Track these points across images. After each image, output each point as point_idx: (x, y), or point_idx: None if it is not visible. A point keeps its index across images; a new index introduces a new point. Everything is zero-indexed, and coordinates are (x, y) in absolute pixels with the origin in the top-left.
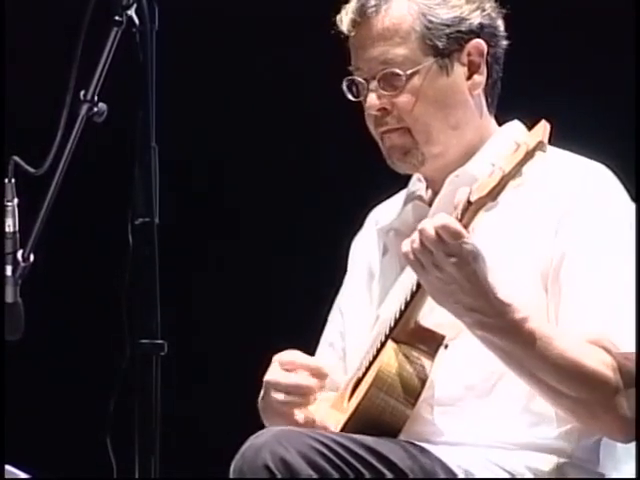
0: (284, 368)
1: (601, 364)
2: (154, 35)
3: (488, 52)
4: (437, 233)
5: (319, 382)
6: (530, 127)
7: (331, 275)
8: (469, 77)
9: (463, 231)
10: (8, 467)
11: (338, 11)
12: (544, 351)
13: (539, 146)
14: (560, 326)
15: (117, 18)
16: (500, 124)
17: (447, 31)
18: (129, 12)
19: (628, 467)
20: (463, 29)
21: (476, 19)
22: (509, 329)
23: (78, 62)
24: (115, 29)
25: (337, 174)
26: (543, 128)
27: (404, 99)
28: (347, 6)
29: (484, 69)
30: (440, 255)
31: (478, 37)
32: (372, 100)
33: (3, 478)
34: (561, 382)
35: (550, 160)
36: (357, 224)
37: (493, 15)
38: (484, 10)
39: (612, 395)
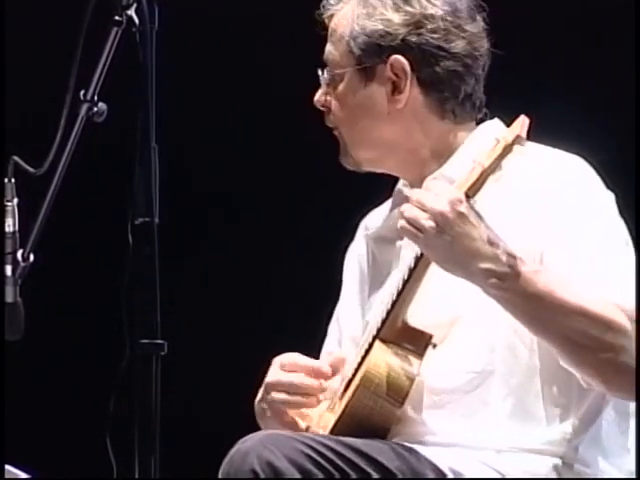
0: (285, 369)
1: (616, 313)
2: (154, 35)
3: (417, 70)
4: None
5: (320, 383)
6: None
7: (331, 275)
8: (393, 92)
9: (451, 187)
10: (8, 467)
11: None
12: (561, 302)
13: (517, 140)
14: None
15: (117, 18)
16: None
17: (367, 41)
18: (129, 12)
19: (622, 460)
20: (382, 43)
21: (400, 36)
22: (523, 282)
23: (78, 62)
24: (115, 29)
25: (338, 175)
26: (522, 122)
27: (333, 100)
28: None
29: (407, 86)
30: (430, 203)
31: (402, 54)
32: (317, 95)
33: (3, 478)
34: (581, 332)
35: (528, 154)
36: (356, 229)
37: (436, 35)
38: (420, 27)
39: (631, 342)
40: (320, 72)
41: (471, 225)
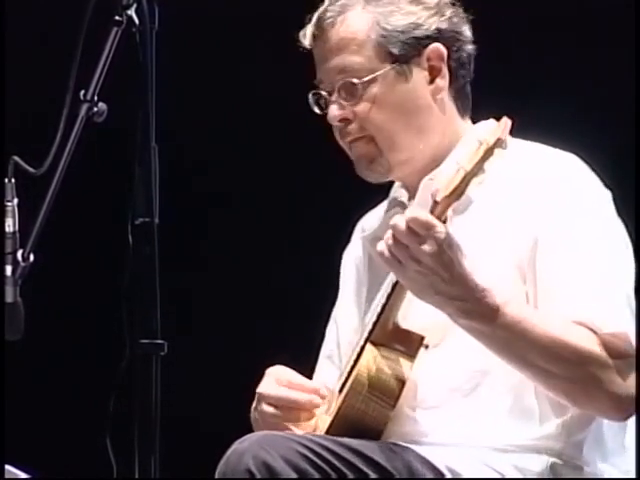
0: (280, 384)
1: (586, 340)
2: (154, 35)
3: (450, 56)
4: (409, 226)
5: (312, 399)
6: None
7: (331, 275)
8: (431, 81)
9: (434, 221)
10: (8, 467)
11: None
12: (529, 332)
13: (498, 143)
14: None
15: (117, 18)
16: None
17: (402, 38)
18: (129, 12)
19: (620, 459)
20: (419, 35)
21: (433, 24)
22: (491, 313)
23: (78, 62)
24: (115, 29)
25: (339, 176)
26: (504, 125)
27: (363, 107)
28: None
29: (446, 73)
30: (415, 247)
31: (437, 42)
32: (333, 111)
33: (3, 478)
34: (550, 361)
35: (511, 154)
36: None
37: (455, 20)
38: (443, 15)
39: (602, 370)
40: (324, 92)
41: (451, 269)
